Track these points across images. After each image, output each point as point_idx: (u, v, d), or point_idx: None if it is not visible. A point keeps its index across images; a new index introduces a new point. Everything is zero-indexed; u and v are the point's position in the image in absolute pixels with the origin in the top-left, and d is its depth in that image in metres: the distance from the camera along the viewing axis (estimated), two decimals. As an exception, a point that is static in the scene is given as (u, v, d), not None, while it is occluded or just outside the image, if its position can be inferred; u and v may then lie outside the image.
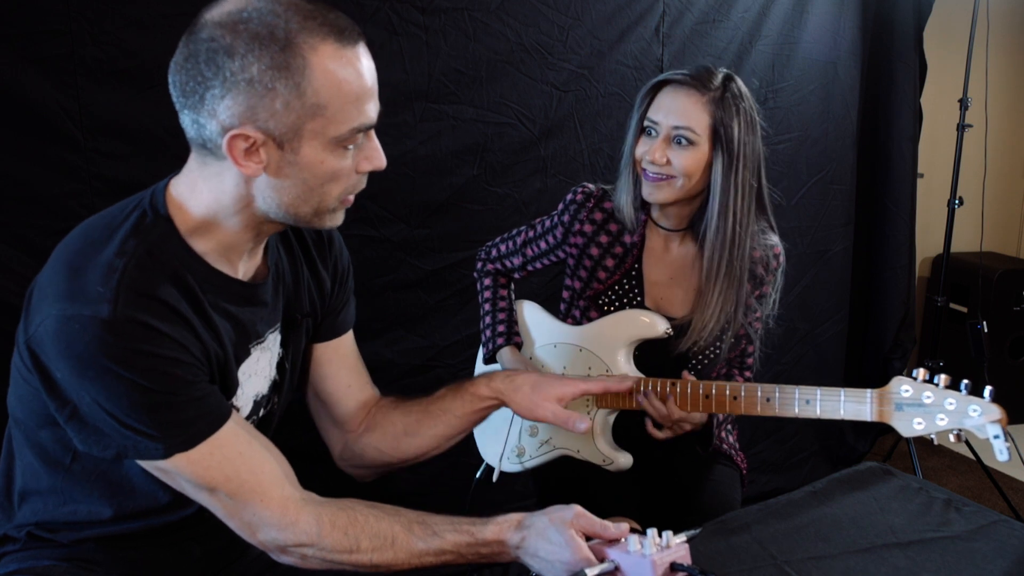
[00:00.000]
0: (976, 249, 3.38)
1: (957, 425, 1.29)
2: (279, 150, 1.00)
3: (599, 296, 1.67)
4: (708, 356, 1.64)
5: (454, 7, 2.19)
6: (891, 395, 1.33)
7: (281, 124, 0.99)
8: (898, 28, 2.99)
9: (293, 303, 1.24)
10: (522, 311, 1.81)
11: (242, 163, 1.00)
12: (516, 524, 1.12)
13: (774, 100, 2.76)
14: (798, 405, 1.41)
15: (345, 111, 1.01)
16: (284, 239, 1.25)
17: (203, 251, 1.08)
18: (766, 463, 2.97)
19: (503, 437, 1.74)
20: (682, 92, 1.52)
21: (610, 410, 1.62)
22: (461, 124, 2.26)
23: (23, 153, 1.79)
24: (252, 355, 1.16)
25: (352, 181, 1.08)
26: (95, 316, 0.95)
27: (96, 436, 1.02)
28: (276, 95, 0.97)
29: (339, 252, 1.33)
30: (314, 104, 0.98)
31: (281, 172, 1.02)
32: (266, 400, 1.24)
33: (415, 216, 2.26)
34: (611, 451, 1.62)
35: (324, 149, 1.02)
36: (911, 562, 1.24)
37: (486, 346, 1.78)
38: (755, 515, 1.36)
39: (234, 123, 0.98)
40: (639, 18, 2.47)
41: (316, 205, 1.06)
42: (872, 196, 3.15)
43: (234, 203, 1.06)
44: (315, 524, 1.08)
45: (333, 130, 1.01)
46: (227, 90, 0.97)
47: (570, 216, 1.67)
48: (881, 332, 3.25)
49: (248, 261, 1.15)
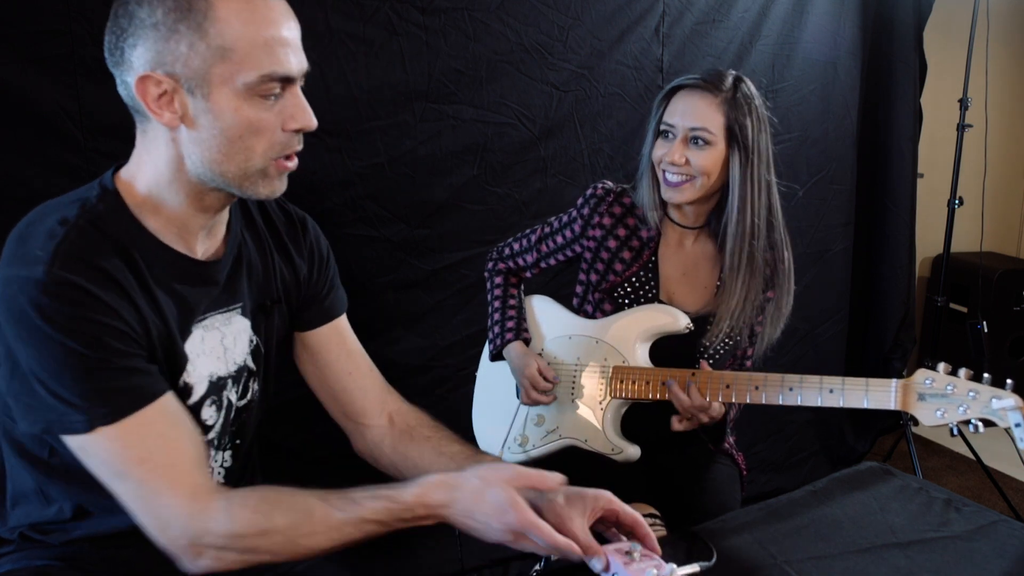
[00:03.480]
0: (976, 249, 3.38)
1: (979, 415, 1.34)
2: (191, 96, 1.01)
3: (615, 288, 1.70)
4: (720, 350, 1.67)
5: (454, 7, 2.19)
6: (915, 385, 1.39)
7: (188, 68, 0.99)
8: (898, 28, 3.00)
9: (263, 289, 1.24)
10: (533, 304, 1.84)
11: (156, 110, 1.01)
12: (441, 484, 1.04)
13: (774, 100, 2.76)
14: (822, 395, 1.45)
15: (253, 56, 1.00)
16: (250, 225, 1.24)
17: (155, 228, 1.08)
18: (766, 463, 2.97)
19: (506, 425, 1.75)
20: (696, 95, 1.59)
21: (623, 400, 1.64)
22: (461, 124, 2.26)
23: (23, 153, 1.78)
24: (194, 334, 1.14)
25: (279, 139, 1.06)
26: (30, 276, 0.96)
27: (28, 406, 1.01)
28: (180, 37, 0.98)
29: (315, 239, 1.32)
30: (219, 47, 0.98)
31: (197, 123, 1.02)
32: (235, 384, 1.21)
33: (415, 216, 2.26)
34: (620, 441, 1.64)
35: (237, 97, 1.01)
36: (911, 562, 1.24)
37: (493, 342, 1.79)
38: (755, 515, 1.36)
39: (144, 69, 1.00)
40: (639, 18, 2.48)
41: (241, 163, 1.05)
42: (872, 196, 3.15)
43: (168, 168, 1.06)
44: (224, 508, 1.02)
45: (242, 76, 1.00)
46: (138, 38, 0.99)
47: (590, 209, 1.71)
48: (881, 332, 3.25)
49: (207, 241, 1.15)
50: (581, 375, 1.69)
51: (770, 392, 1.49)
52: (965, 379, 1.36)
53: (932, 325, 3.24)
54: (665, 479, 1.67)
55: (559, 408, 1.70)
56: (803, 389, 1.46)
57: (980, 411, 1.34)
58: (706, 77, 1.60)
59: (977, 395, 1.34)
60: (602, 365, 1.67)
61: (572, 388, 1.70)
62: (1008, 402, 1.31)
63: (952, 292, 3.54)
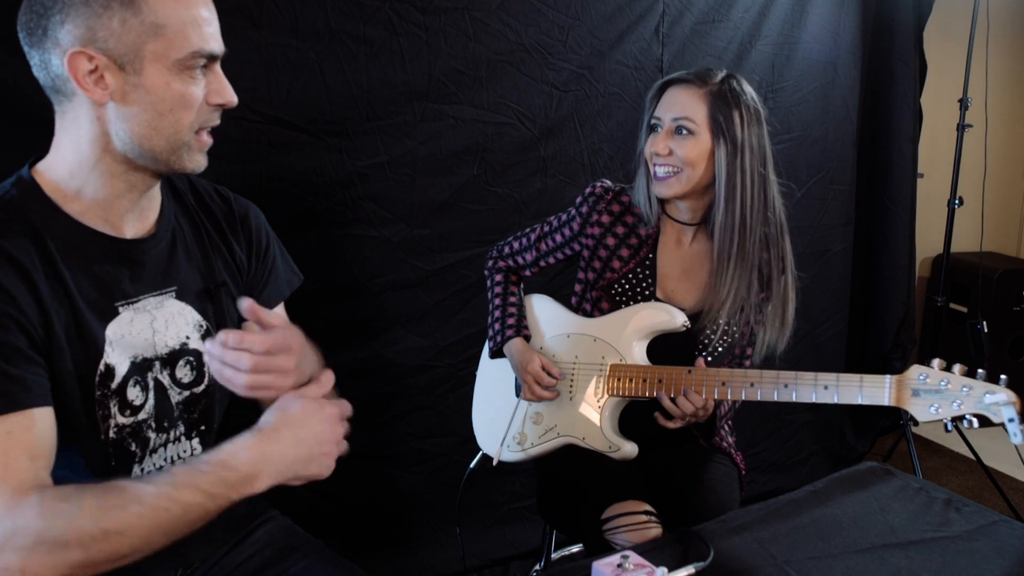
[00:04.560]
0: (976, 249, 3.38)
1: (973, 410, 1.35)
2: (122, 72, 1.03)
3: (612, 285, 1.70)
4: (717, 348, 1.67)
5: (454, 7, 2.19)
6: (909, 381, 1.39)
7: (121, 44, 1.01)
8: (898, 28, 3.00)
9: (204, 273, 1.25)
10: (532, 303, 1.84)
11: (87, 87, 1.03)
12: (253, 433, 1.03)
13: (774, 100, 2.76)
14: (816, 392, 1.45)
15: (185, 33, 1.04)
16: (185, 210, 1.25)
17: (77, 212, 1.10)
18: (766, 463, 2.97)
19: (504, 424, 1.75)
20: (682, 88, 1.61)
21: (621, 398, 1.65)
22: (461, 124, 2.26)
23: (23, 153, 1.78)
24: (123, 315, 1.14)
25: (204, 113, 1.10)
26: None
27: None
28: (113, 13, 1.00)
29: (255, 226, 1.33)
30: (152, 23, 1.02)
31: (128, 98, 1.04)
32: (166, 366, 1.19)
33: (415, 216, 2.26)
34: (617, 439, 1.64)
35: (169, 71, 1.04)
36: (911, 562, 1.24)
37: (493, 339, 1.80)
38: (755, 515, 1.36)
39: (74, 45, 1.01)
40: (639, 18, 2.48)
41: (170, 136, 1.07)
42: (872, 196, 3.15)
43: (92, 147, 1.07)
44: (37, 502, 0.94)
45: (175, 52, 1.04)
46: (66, 15, 1.01)
47: (588, 207, 1.72)
48: (881, 332, 3.25)
49: (137, 222, 1.16)
50: (579, 373, 1.69)
51: (765, 388, 1.49)
52: (959, 375, 1.36)
53: (932, 325, 3.24)
54: (664, 478, 1.67)
55: (557, 406, 1.71)
56: (798, 386, 1.46)
57: (974, 406, 1.34)
58: (695, 72, 1.62)
59: (971, 391, 1.34)
60: (600, 363, 1.67)
61: (570, 386, 1.70)
62: (1000, 397, 1.32)
63: (952, 292, 3.54)
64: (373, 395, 2.28)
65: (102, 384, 1.11)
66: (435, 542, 2.41)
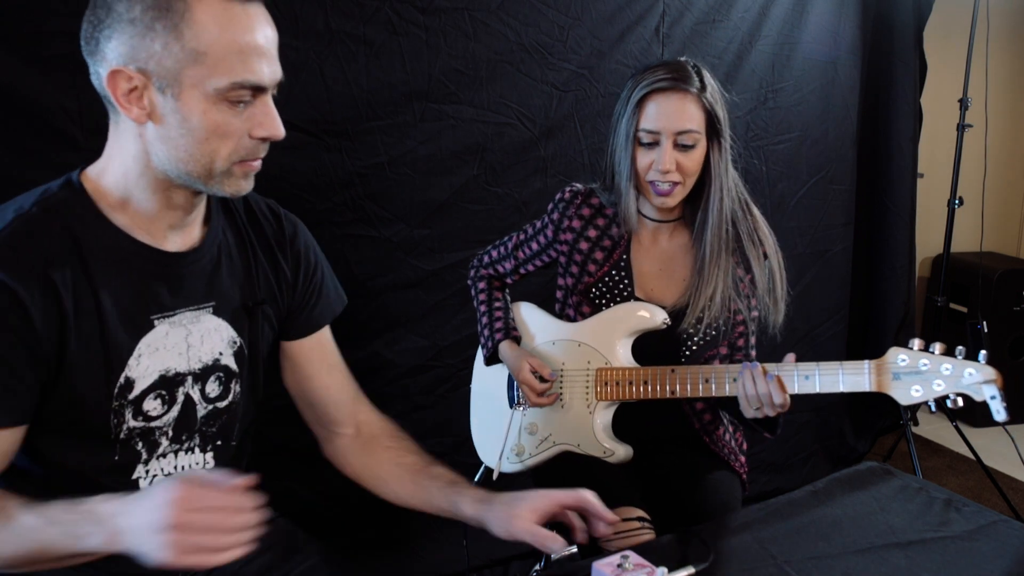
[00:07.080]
0: (976, 249, 3.38)
1: (954, 389, 1.32)
2: (161, 95, 1.01)
3: (590, 289, 1.69)
4: (701, 341, 1.64)
5: (454, 7, 2.19)
6: (888, 365, 1.37)
7: (160, 67, 1.00)
8: (898, 28, 3.00)
9: (245, 290, 1.23)
10: (519, 312, 1.83)
11: (125, 104, 1.02)
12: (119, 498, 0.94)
13: (774, 100, 2.76)
14: (797, 381, 1.44)
15: (226, 63, 1.00)
16: (233, 224, 1.24)
17: (121, 221, 1.09)
18: (766, 463, 2.97)
19: (502, 437, 1.75)
20: (674, 97, 1.54)
21: (610, 402, 1.64)
22: (461, 124, 2.26)
23: (23, 153, 1.78)
24: (158, 328, 1.13)
25: (245, 145, 1.06)
26: None
27: None
28: (156, 36, 0.99)
29: (304, 245, 1.31)
30: (193, 50, 0.99)
31: (165, 121, 1.03)
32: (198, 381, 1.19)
33: (415, 216, 2.26)
34: (611, 443, 1.64)
35: (206, 100, 1.01)
36: (911, 562, 1.24)
37: (485, 346, 1.79)
38: (755, 515, 1.36)
39: (116, 62, 1.00)
40: (639, 18, 2.48)
41: (206, 164, 1.05)
42: (872, 196, 3.15)
43: (136, 163, 1.07)
44: None
45: (214, 81, 1.00)
46: (114, 31, 1.00)
47: (559, 214, 1.71)
48: (881, 332, 3.25)
49: (180, 236, 1.15)
50: (568, 380, 1.69)
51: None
52: (939, 354, 1.34)
53: (932, 325, 3.24)
54: (662, 481, 1.67)
55: (551, 415, 1.70)
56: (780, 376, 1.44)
57: (955, 386, 1.32)
58: (674, 75, 1.54)
59: (951, 369, 1.32)
60: (586, 369, 1.66)
61: (561, 394, 1.69)
62: (978, 376, 1.30)
63: (952, 292, 3.53)
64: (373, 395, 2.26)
65: (120, 396, 1.10)
66: (435, 542, 2.41)
